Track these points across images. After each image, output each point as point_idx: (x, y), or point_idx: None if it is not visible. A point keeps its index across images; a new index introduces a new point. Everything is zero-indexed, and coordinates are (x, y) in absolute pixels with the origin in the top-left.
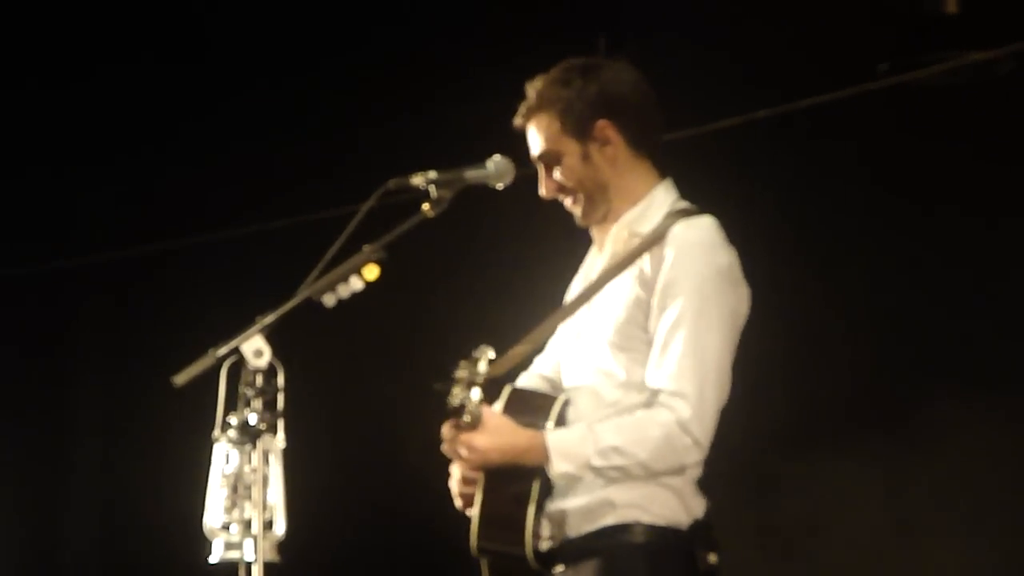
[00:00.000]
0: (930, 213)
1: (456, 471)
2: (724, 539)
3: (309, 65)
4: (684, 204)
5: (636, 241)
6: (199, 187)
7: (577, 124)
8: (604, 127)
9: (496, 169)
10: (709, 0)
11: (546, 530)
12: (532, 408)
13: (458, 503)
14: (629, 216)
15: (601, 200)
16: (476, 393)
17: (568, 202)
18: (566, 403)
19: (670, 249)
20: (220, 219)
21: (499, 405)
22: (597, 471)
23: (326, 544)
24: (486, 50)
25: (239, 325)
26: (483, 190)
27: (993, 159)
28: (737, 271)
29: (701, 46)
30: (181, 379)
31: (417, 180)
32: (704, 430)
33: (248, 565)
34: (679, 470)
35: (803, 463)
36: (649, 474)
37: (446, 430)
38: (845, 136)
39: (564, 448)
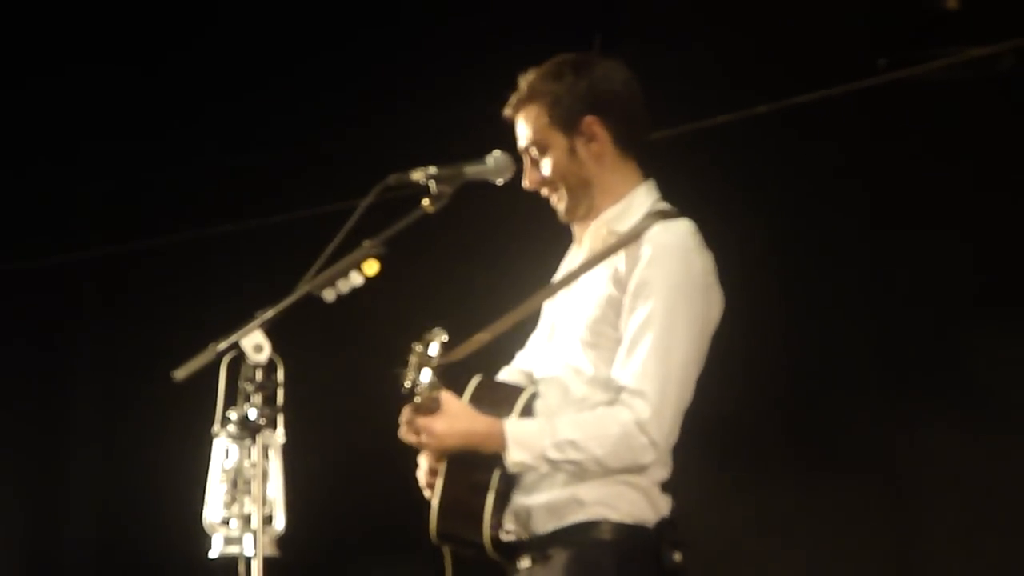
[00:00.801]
0: (930, 210)
1: (423, 462)
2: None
3: (309, 59)
4: (664, 205)
5: (614, 239)
6: (199, 181)
7: (565, 118)
8: (591, 123)
9: (496, 165)
10: None
11: (510, 523)
12: (498, 399)
13: (427, 493)
14: (609, 214)
15: (584, 196)
16: (426, 375)
17: (552, 198)
18: (533, 395)
19: (646, 250)
20: (220, 214)
21: (466, 395)
22: (553, 463)
23: (326, 539)
24: (486, 46)
25: (239, 320)
26: (485, 185)
27: (993, 155)
28: (711, 276)
29: (698, 42)
30: (181, 374)
31: (417, 176)
32: (662, 432)
33: (248, 560)
34: (636, 469)
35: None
36: (604, 471)
37: (404, 413)
38: (844, 132)
39: (521, 438)
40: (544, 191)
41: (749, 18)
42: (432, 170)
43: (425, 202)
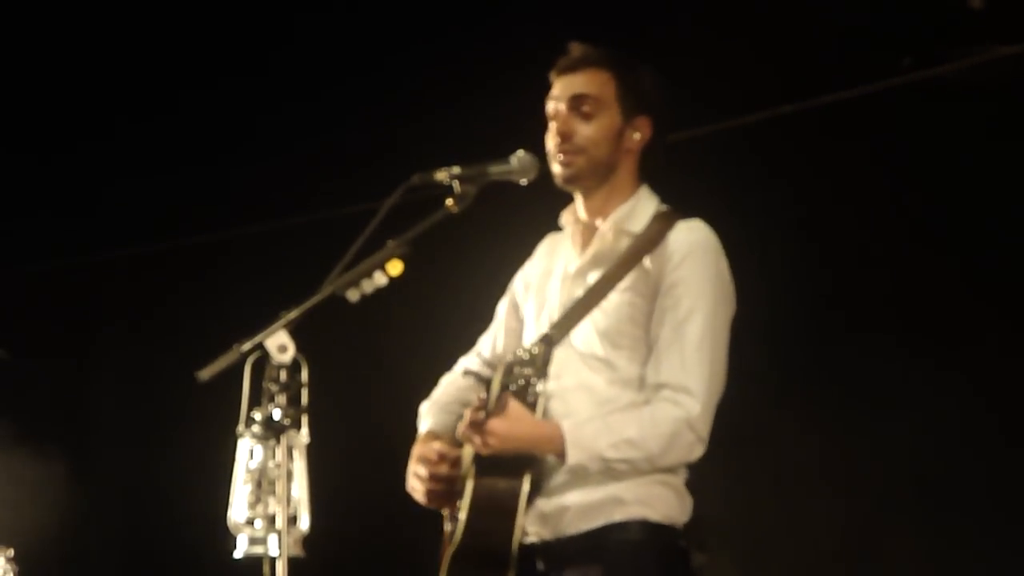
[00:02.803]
0: (955, 209)
1: (422, 470)
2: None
3: (334, 61)
4: (666, 207)
5: (625, 239)
6: (224, 183)
7: (631, 104)
8: (646, 123)
9: (520, 165)
10: None
11: (534, 526)
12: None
13: (422, 499)
14: (618, 215)
15: (599, 175)
16: (540, 385)
17: (562, 156)
18: (541, 395)
19: (674, 250)
20: (245, 215)
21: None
22: (606, 462)
23: (350, 539)
24: (511, 47)
25: (263, 320)
26: (508, 186)
27: (1019, 153)
28: (729, 273)
29: (725, 40)
30: (206, 374)
31: (441, 176)
32: (708, 427)
33: (272, 560)
34: (680, 465)
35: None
36: (653, 468)
37: (470, 414)
38: (868, 131)
39: (579, 439)
40: (563, 147)
41: (774, 17)
42: (456, 170)
43: (449, 202)
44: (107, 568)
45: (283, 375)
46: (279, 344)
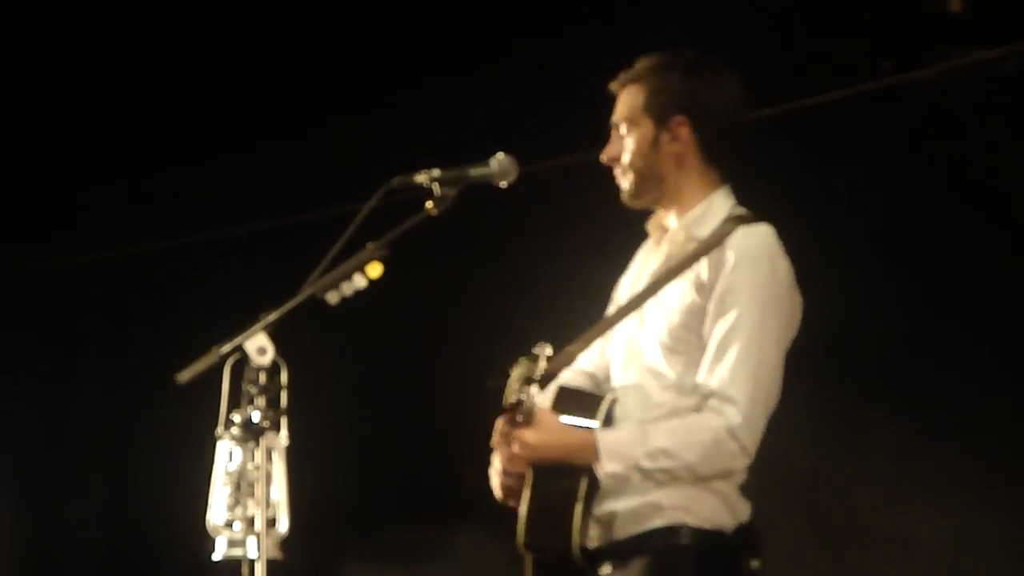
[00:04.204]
0: (933, 213)
1: (496, 462)
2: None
3: (313, 62)
4: (741, 210)
5: (692, 245)
6: (203, 184)
7: (659, 109)
8: (680, 123)
9: (500, 167)
10: None
11: (594, 530)
12: (580, 406)
13: (498, 493)
14: (687, 219)
15: (653, 188)
16: (535, 391)
17: (618, 176)
18: (613, 401)
19: (730, 255)
20: (224, 216)
21: (546, 403)
22: (645, 472)
23: (329, 541)
24: (489, 49)
25: (242, 322)
26: (487, 188)
27: (997, 158)
28: (792, 281)
29: (701, 44)
30: (184, 376)
31: (421, 178)
32: (752, 437)
33: (251, 562)
34: (725, 475)
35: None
36: (696, 478)
37: (499, 424)
38: (847, 135)
39: (614, 448)
40: (615, 170)
41: (753, 21)
42: (436, 172)
43: (429, 204)
44: (85, 570)
45: (262, 377)
46: (258, 346)
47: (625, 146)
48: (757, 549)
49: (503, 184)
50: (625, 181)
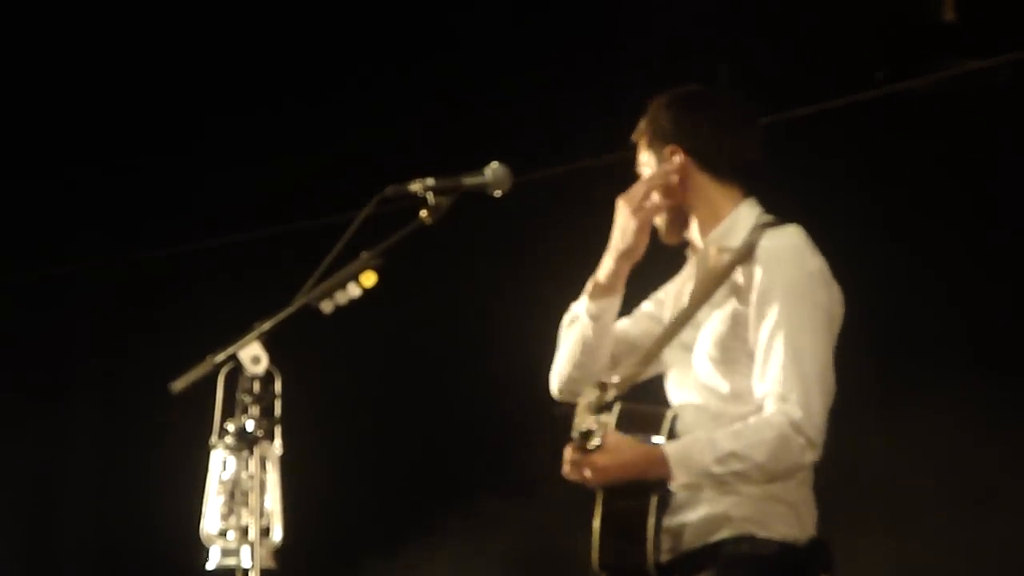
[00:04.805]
0: (926, 222)
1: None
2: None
3: (309, 72)
4: (769, 217)
5: (726, 256)
6: (198, 194)
7: (655, 145)
8: (672, 152)
9: (494, 176)
10: (704, 7)
11: (665, 543)
12: (643, 423)
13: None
14: (715, 233)
15: (675, 218)
16: (608, 419)
17: (655, 220)
18: (675, 418)
19: (760, 259)
20: (218, 226)
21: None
22: (716, 478)
23: (323, 551)
24: (484, 58)
25: (237, 332)
26: (482, 198)
27: (991, 168)
28: (827, 272)
29: (695, 54)
30: (179, 385)
31: (415, 187)
32: (816, 429)
33: (245, 572)
34: (796, 471)
35: None
36: (768, 478)
37: (570, 453)
38: (841, 144)
39: (683, 459)
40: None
41: (747, 31)
42: (430, 181)
43: (423, 213)
44: None
45: (256, 386)
46: (252, 355)
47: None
48: (827, 564)
49: (497, 193)
50: (657, 221)
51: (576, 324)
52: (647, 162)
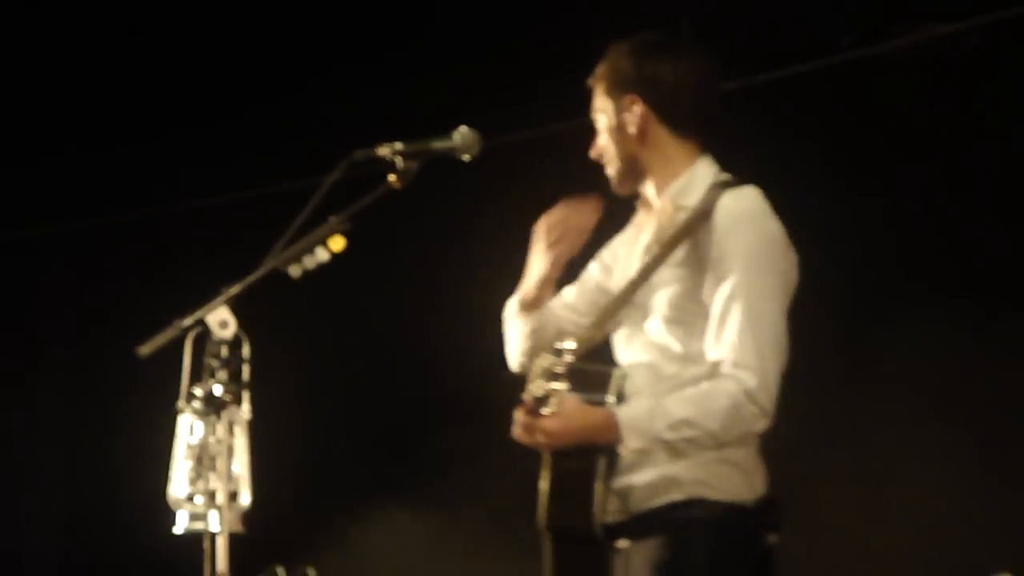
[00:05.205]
0: (894, 186)
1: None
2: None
3: (277, 36)
4: (726, 176)
5: (682, 215)
6: (164, 158)
7: (614, 93)
8: (632, 102)
9: (462, 141)
10: None
11: (614, 504)
12: (592, 383)
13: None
14: (672, 189)
15: (629, 169)
16: (561, 385)
17: (606, 167)
18: (623, 377)
19: (719, 221)
20: (185, 189)
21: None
22: (668, 444)
23: (291, 515)
24: (453, 20)
25: (204, 296)
26: (450, 160)
27: (958, 133)
28: (784, 238)
29: (662, 19)
30: (146, 350)
31: (383, 151)
32: (769, 398)
33: (213, 536)
34: (747, 439)
35: None
36: (719, 445)
37: (520, 416)
38: (809, 109)
39: (635, 424)
40: (601, 161)
41: None
42: (398, 146)
43: (391, 178)
44: (46, 543)
45: (224, 351)
46: (220, 320)
47: (601, 138)
48: (776, 523)
49: (466, 157)
50: (610, 170)
51: (515, 318)
52: (603, 108)
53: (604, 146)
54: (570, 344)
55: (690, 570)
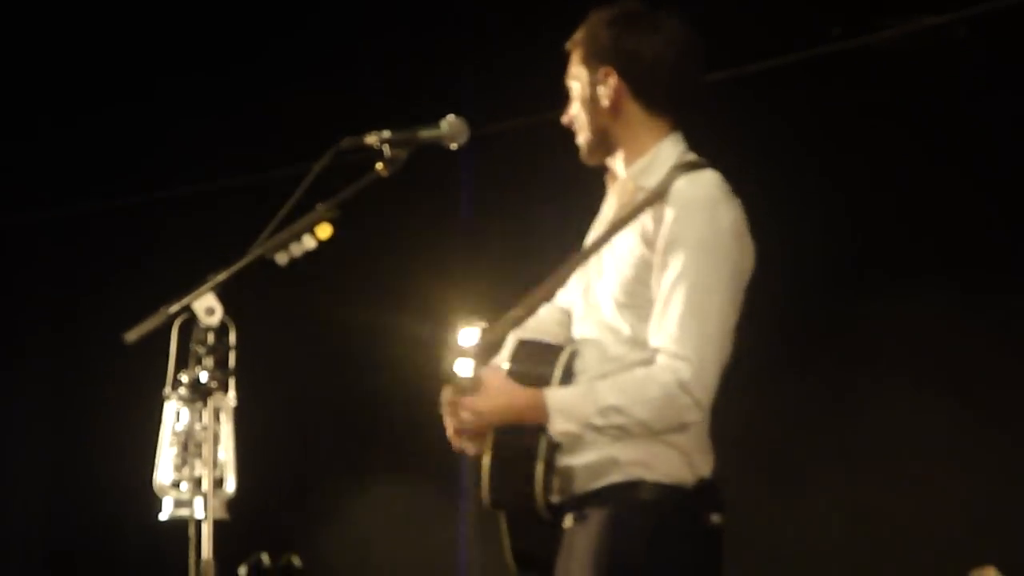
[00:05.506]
0: (882, 177)
1: (449, 427)
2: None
3: (265, 25)
4: (691, 156)
5: (641, 195)
6: (152, 144)
7: (591, 64)
8: (607, 74)
9: (450, 129)
10: None
11: (557, 484)
12: (538, 360)
13: (460, 450)
14: (635, 168)
15: (600, 141)
16: (468, 365)
17: (576, 135)
18: (573, 354)
19: (671, 205)
20: (173, 176)
21: (506, 356)
22: (598, 430)
23: (276, 502)
24: (442, 9)
25: (191, 282)
26: (438, 149)
27: (946, 123)
28: (740, 226)
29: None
30: (132, 336)
31: (371, 139)
32: (705, 390)
33: (198, 523)
34: (680, 429)
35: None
36: (649, 433)
37: (445, 395)
38: (797, 99)
39: (564, 407)
40: (572, 129)
41: None
42: (386, 134)
43: (379, 166)
44: (29, 530)
45: (210, 338)
46: (207, 307)
47: (574, 106)
48: (717, 503)
49: (453, 146)
50: (580, 139)
51: None
52: (578, 75)
53: (576, 115)
54: (481, 324)
55: (629, 552)
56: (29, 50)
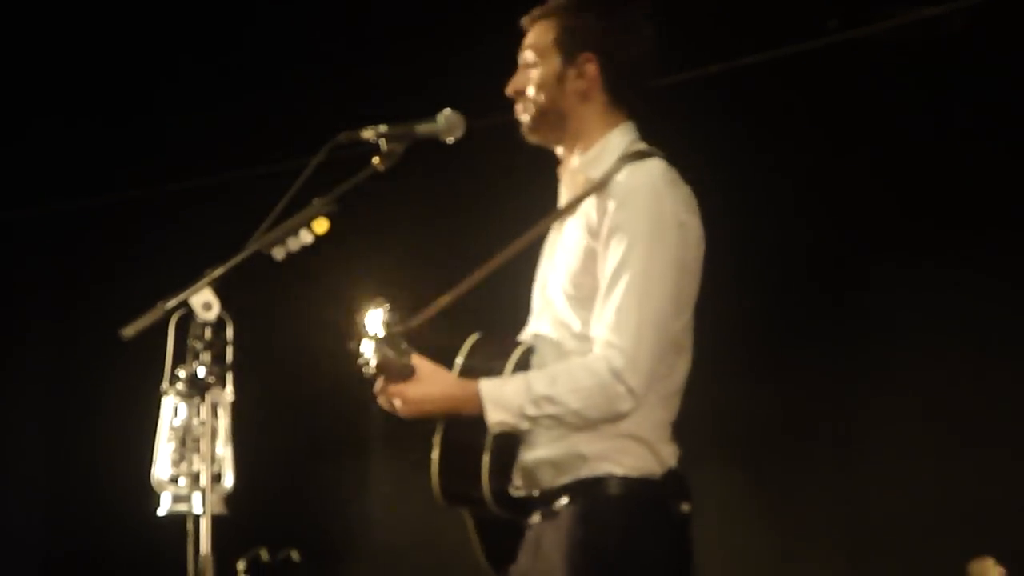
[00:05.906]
0: (879, 168)
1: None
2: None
3: (261, 17)
4: (639, 146)
5: (588, 185)
6: (149, 140)
7: (569, 45)
8: (587, 60)
9: (446, 123)
10: None
11: (518, 479)
12: (492, 352)
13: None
14: (585, 159)
15: (553, 124)
16: (368, 347)
17: (519, 108)
18: (528, 350)
19: (614, 195)
20: (170, 171)
21: (462, 351)
22: (532, 420)
23: (274, 497)
24: (438, 3)
25: (188, 278)
26: (435, 143)
27: (941, 116)
28: (683, 213)
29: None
30: (129, 332)
31: (367, 134)
32: (639, 378)
33: (196, 518)
34: (614, 419)
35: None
36: (585, 423)
37: (377, 382)
38: (794, 91)
39: (498, 397)
40: (517, 102)
41: None
42: (382, 128)
43: (375, 160)
44: (28, 526)
45: (208, 333)
46: (204, 302)
47: (530, 79)
48: (686, 492)
49: (450, 140)
50: (526, 114)
51: None
52: (544, 50)
53: (525, 88)
54: (384, 305)
55: (602, 547)
56: (26, 45)
